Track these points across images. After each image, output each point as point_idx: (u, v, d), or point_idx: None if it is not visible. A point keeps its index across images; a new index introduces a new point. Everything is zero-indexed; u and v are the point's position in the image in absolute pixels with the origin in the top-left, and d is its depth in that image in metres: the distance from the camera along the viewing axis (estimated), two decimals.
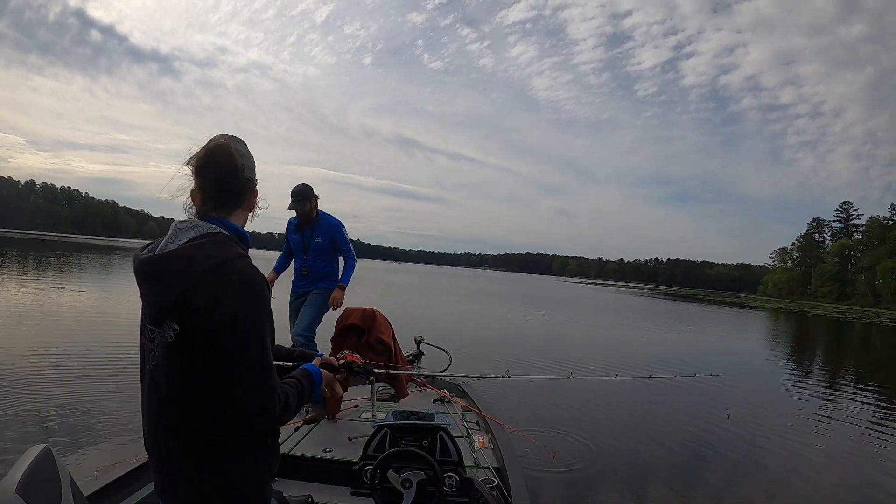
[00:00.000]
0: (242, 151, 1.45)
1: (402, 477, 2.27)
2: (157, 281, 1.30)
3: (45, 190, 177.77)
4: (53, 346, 7.89)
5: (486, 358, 10.01)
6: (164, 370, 1.31)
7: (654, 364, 11.52)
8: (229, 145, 1.41)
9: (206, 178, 1.40)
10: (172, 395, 1.31)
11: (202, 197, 1.41)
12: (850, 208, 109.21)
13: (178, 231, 1.34)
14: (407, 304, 22.72)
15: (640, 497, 4.47)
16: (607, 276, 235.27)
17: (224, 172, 1.40)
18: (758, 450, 5.89)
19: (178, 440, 1.33)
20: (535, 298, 39.36)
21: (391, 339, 4.02)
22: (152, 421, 1.37)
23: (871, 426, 7.54)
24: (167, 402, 1.32)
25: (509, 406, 6.30)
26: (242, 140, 1.48)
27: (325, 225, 5.06)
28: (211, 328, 1.26)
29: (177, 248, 1.30)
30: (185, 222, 1.37)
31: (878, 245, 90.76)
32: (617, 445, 5.61)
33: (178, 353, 1.29)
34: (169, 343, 1.29)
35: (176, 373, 1.30)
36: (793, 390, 10.20)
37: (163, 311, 1.30)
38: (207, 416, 1.30)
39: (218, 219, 1.40)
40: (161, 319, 1.30)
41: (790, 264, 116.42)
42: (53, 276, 20.51)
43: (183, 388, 1.30)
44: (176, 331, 1.28)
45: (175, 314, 1.28)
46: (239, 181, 1.43)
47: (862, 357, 19.36)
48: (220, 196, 1.42)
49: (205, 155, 1.40)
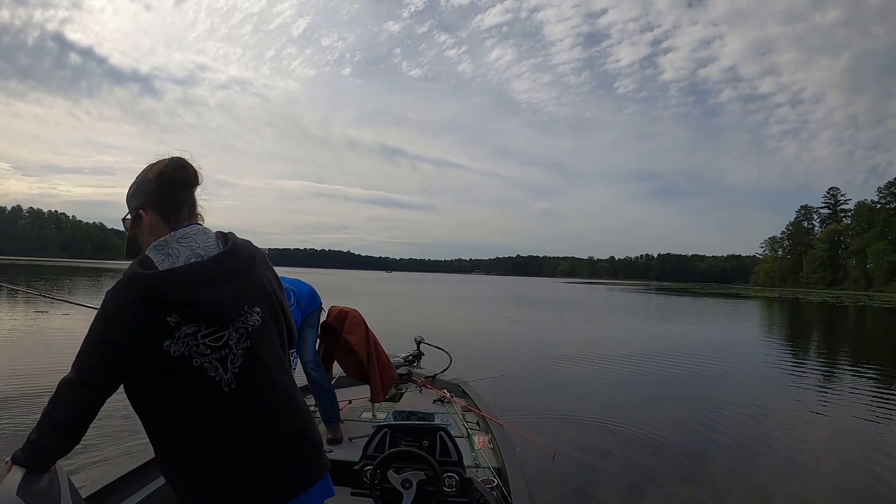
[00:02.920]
0: (188, 162, 1.45)
1: (402, 477, 2.26)
2: (237, 274, 1.34)
3: (32, 215, 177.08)
4: (48, 361, 7.81)
5: (486, 358, 9.97)
6: (265, 350, 1.36)
7: (653, 360, 11.54)
8: (176, 158, 1.44)
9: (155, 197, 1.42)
10: (283, 366, 1.42)
11: (153, 215, 1.41)
12: (837, 194, 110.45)
13: (194, 236, 1.37)
14: (403, 310, 22.69)
15: (641, 496, 4.45)
16: (599, 275, 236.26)
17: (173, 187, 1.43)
18: (759, 442, 5.87)
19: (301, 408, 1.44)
20: (530, 300, 39.40)
21: (361, 339, 3.94)
22: (267, 402, 1.36)
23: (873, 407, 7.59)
24: (278, 371, 1.39)
25: (509, 406, 6.26)
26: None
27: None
28: (274, 292, 1.43)
29: (228, 241, 1.39)
30: (191, 228, 1.38)
31: (868, 229, 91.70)
32: (618, 444, 5.58)
33: (271, 330, 1.39)
34: (256, 327, 1.34)
35: (275, 347, 1.40)
36: (795, 376, 10.24)
37: (245, 301, 1.34)
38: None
39: (193, 222, 1.43)
40: (237, 314, 1.32)
41: (781, 253, 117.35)
42: (43, 303, 20.33)
43: (279, 357, 1.41)
44: (259, 312, 1.35)
45: (256, 300, 1.36)
46: (185, 192, 1.46)
47: (866, 339, 19.50)
48: (170, 212, 1.42)
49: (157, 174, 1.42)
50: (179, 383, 1.25)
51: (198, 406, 1.27)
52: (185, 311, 1.23)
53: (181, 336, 1.23)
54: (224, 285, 1.30)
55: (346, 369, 4.03)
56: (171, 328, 1.22)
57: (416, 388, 4.86)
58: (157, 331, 1.21)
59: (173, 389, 1.26)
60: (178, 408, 1.27)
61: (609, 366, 10.70)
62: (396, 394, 4.72)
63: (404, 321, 17.09)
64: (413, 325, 15.67)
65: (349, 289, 42.90)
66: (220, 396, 1.27)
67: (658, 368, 10.54)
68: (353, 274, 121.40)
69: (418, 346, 5.46)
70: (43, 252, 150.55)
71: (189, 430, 1.28)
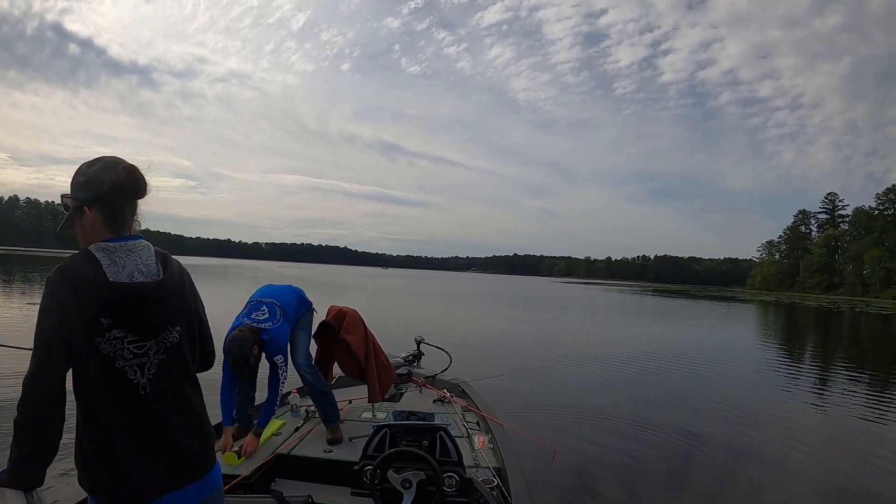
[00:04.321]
0: (133, 169, 1.52)
1: (402, 477, 2.26)
2: (169, 299, 1.53)
3: (28, 205, 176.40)
4: None
5: (486, 358, 9.96)
6: (177, 364, 1.55)
7: (652, 361, 11.58)
8: (119, 162, 1.52)
9: (95, 197, 1.50)
10: (192, 378, 1.61)
11: (96, 215, 1.50)
12: (835, 199, 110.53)
13: (140, 252, 1.51)
14: (402, 308, 22.69)
15: (641, 496, 4.45)
16: (596, 276, 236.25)
17: (116, 192, 1.50)
18: (755, 444, 5.90)
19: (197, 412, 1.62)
20: (527, 299, 39.50)
21: (360, 339, 3.91)
22: (174, 406, 1.54)
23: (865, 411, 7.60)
24: (187, 383, 1.58)
25: (509, 406, 6.26)
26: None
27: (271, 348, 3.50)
28: (195, 316, 1.63)
29: (168, 267, 1.55)
30: (136, 242, 1.52)
31: (865, 235, 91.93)
32: (617, 444, 5.59)
33: (185, 348, 1.58)
34: (174, 344, 1.53)
35: (186, 362, 1.58)
36: (792, 380, 10.27)
37: (169, 320, 1.53)
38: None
39: (138, 236, 1.56)
40: (161, 330, 1.51)
41: (778, 257, 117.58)
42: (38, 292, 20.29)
43: (188, 369, 1.59)
44: (178, 331, 1.55)
45: (178, 320, 1.56)
46: (127, 201, 1.54)
47: (862, 345, 19.57)
48: (114, 216, 1.52)
49: (95, 173, 1.50)
50: (103, 378, 1.41)
51: (115, 402, 1.42)
52: (119, 318, 1.41)
53: (111, 338, 1.40)
54: (158, 306, 1.50)
55: (346, 369, 3.99)
56: (104, 328, 1.38)
57: (416, 388, 4.86)
58: (93, 325, 1.37)
59: (96, 383, 1.41)
60: (99, 400, 1.41)
61: (609, 366, 10.72)
62: (396, 394, 4.71)
63: (403, 319, 17.08)
64: (412, 323, 15.69)
65: (348, 284, 42.96)
66: (136, 398, 1.45)
67: (657, 369, 10.56)
68: (350, 270, 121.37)
69: (418, 346, 5.45)
70: (38, 243, 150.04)
71: (106, 422, 1.42)
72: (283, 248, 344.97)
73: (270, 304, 3.52)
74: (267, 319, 3.42)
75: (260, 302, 3.54)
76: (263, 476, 2.92)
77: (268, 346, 3.37)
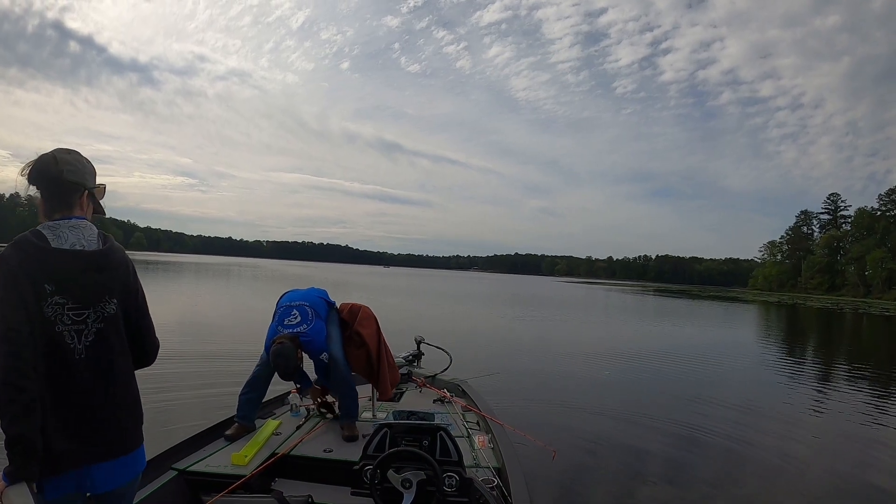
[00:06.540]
0: (67, 159, 1.69)
1: (402, 477, 2.26)
2: (107, 269, 1.69)
3: (30, 202, 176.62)
4: None
5: (486, 358, 9.95)
6: (113, 336, 1.68)
7: (653, 362, 11.58)
8: (52, 155, 1.68)
9: (38, 186, 1.68)
10: (126, 355, 1.74)
11: (43, 201, 1.69)
12: (837, 200, 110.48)
13: (82, 228, 1.67)
14: (404, 306, 22.69)
15: (640, 496, 4.44)
16: (597, 275, 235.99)
17: (48, 179, 1.67)
18: (755, 445, 5.88)
19: (125, 384, 1.73)
20: (528, 299, 39.48)
21: (373, 333, 3.92)
22: (105, 375, 1.66)
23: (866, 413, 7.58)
24: (121, 357, 1.71)
25: (509, 406, 6.26)
26: (74, 150, 1.74)
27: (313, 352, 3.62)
28: (133, 294, 1.77)
29: (108, 242, 1.71)
30: (80, 221, 1.69)
31: (867, 235, 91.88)
32: (617, 444, 5.59)
33: (120, 321, 1.71)
34: (110, 315, 1.68)
35: (122, 337, 1.72)
36: (793, 381, 10.25)
37: (107, 290, 1.68)
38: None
39: (82, 216, 1.72)
40: (99, 300, 1.65)
41: (780, 257, 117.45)
42: None
43: (124, 345, 1.73)
44: (115, 304, 1.69)
45: (116, 293, 1.70)
46: (63, 185, 1.68)
47: (864, 347, 19.54)
48: (53, 199, 1.68)
49: (32, 166, 1.67)
50: (43, 341, 1.54)
51: (53, 363, 1.56)
52: (60, 285, 1.58)
53: (52, 303, 1.56)
54: (95, 274, 1.65)
55: (355, 364, 3.95)
56: (47, 294, 1.55)
57: (416, 387, 4.86)
58: (38, 291, 1.54)
59: (37, 344, 1.53)
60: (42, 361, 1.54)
61: (609, 366, 10.70)
62: (396, 393, 4.71)
63: (403, 318, 17.06)
64: (412, 322, 15.68)
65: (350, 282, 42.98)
66: (73, 361, 1.60)
67: (657, 370, 10.56)
68: (351, 269, 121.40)
69: (418, 346, 5.45)
70: None
71: (46, 382, 1.54)
72: (285, 246, 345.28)
73: (300, 307, 3.58)
74: (301, 322, 3.49)
75: (290, 307, 3.58)
76: (263, 476, 2.92)
77: (309, 347, 3.45)
